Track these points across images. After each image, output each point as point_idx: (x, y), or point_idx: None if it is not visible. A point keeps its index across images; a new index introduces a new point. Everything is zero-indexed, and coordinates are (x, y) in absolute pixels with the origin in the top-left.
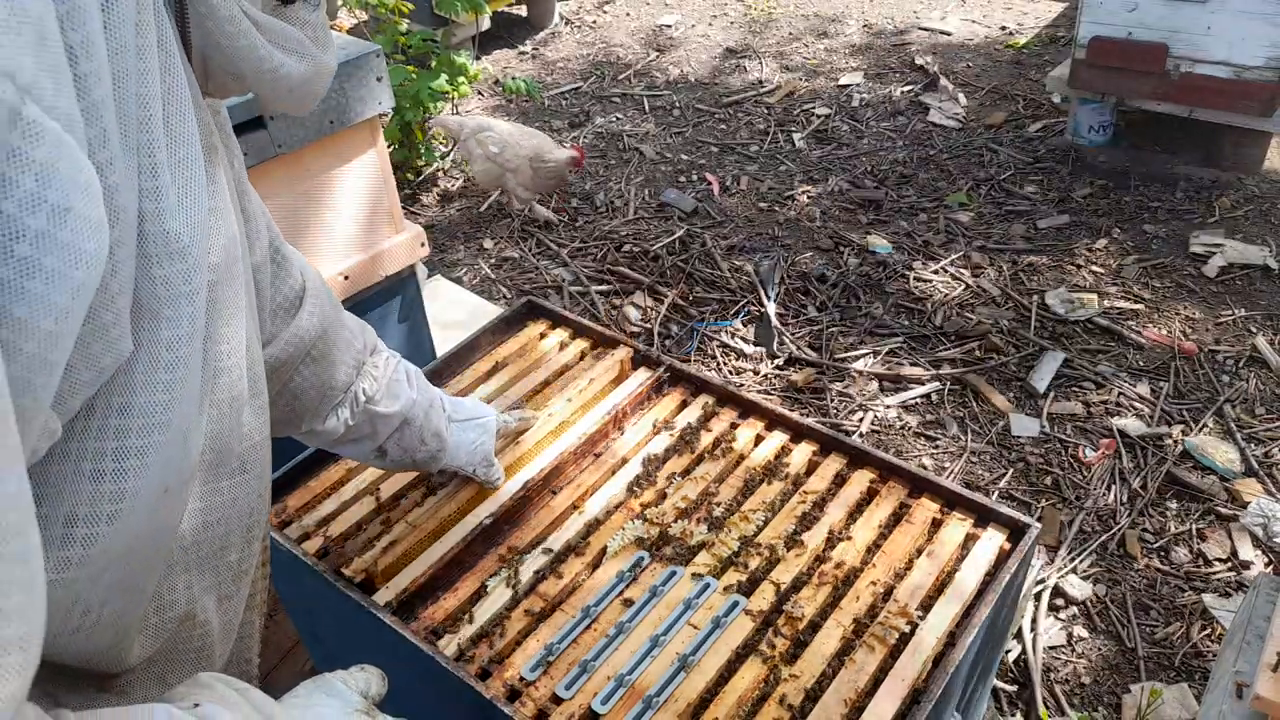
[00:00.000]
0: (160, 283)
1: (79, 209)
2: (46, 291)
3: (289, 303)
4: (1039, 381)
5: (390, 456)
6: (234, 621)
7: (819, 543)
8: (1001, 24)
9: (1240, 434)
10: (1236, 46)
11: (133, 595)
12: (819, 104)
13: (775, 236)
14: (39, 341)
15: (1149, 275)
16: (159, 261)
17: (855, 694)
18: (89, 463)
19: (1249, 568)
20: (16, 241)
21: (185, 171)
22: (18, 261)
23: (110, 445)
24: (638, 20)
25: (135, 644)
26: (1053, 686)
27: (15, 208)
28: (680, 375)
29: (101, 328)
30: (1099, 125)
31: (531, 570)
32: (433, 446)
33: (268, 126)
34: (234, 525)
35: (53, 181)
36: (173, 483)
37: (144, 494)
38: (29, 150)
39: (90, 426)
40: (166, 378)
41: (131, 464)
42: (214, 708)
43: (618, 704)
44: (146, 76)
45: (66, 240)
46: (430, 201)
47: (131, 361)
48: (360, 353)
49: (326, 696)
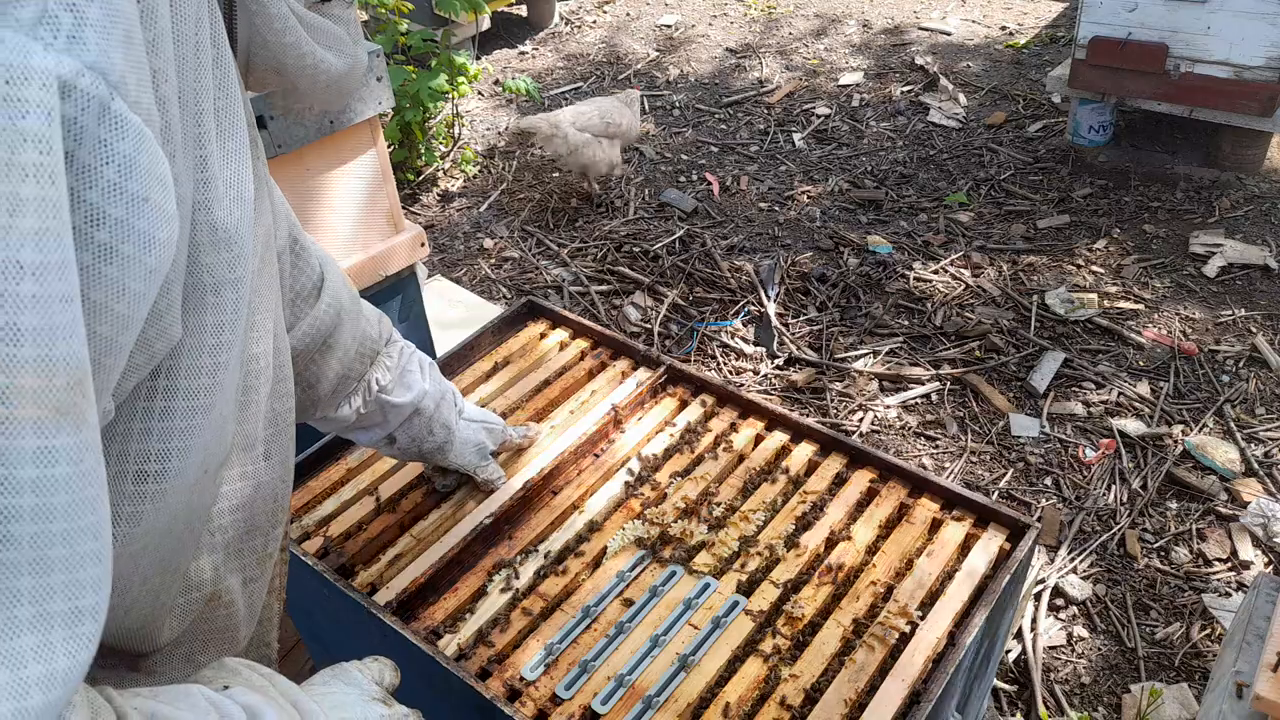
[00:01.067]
0: (206, 270)
1: (155, 199)
2: (122, 277)
3: (307, 292)
4: (1039, 381)
5: (399, 444)
6: (257, 604)
7: (819, 543)
8: (1001, 24)
9: (1240, 434)
10: (1236, 46)
11: (168, 574)
12: (819, 104)
13: (775, 236)
14: (111, 324)
15: (1149, 275)
16: (206, 250)
17: (855, 694)
18: (135, 444)
19: (1249, 568)
20: (97, 229)
21: (233, 164)
22: (97, 248)
23: (157, 426)
24: (638, 20)
25: (166, 624)
26: (1053, 686)
27: (98, 196)
28: (680, 375)
29: (156, 313)
30: (1099, 125)
31: (531, 570)
32: (440, 438)
33: (268, 126)
34: (259, 509)
35: (133, 173)
36: (211, 465)
37: (186, 474)
38: (115, 143)
39: (136, 409)
40: (210, 362)
41: (176, 445)
42: (244, 692)
43: (618, 704)
44: (201, 71)
45: (143, 229)
46: (430, 201)
47: (178, 347)
48: (375, 342)
49: (345, 685)
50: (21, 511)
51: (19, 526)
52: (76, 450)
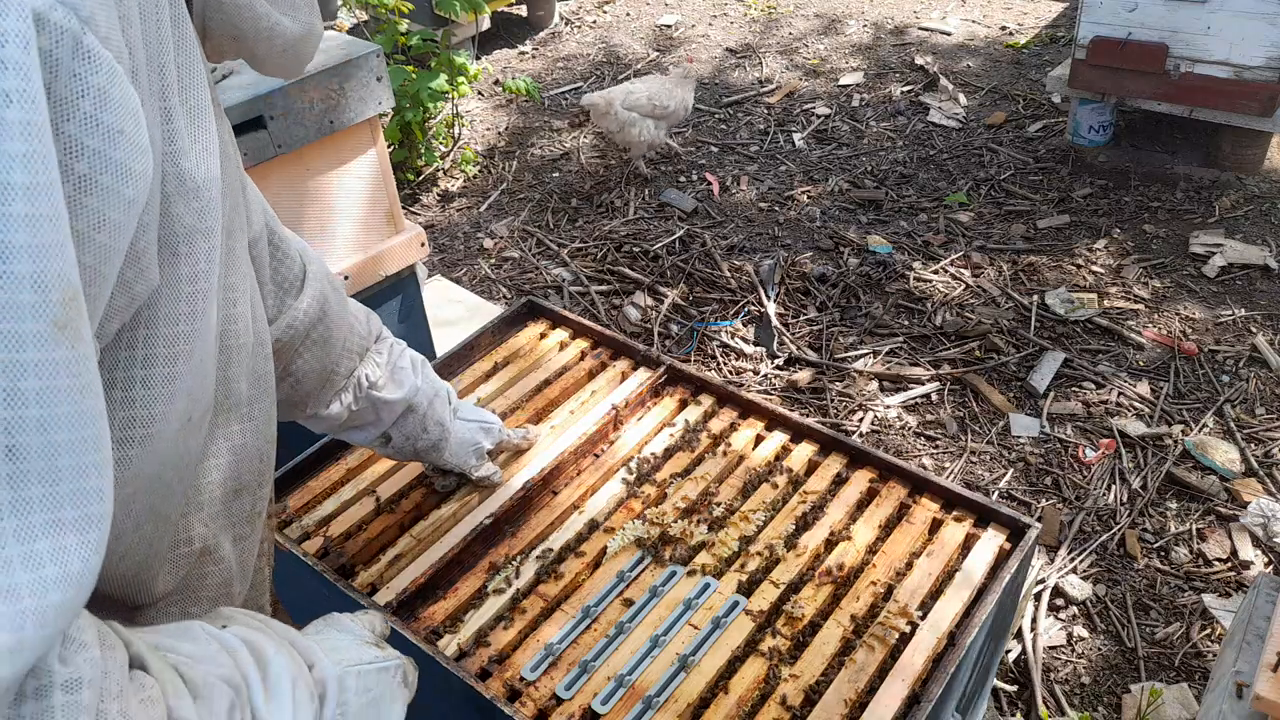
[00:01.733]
0: (177, 220)
1: (129, 132)
2: (102, 207)
3: (289, 284)
4: (1039, 381)
5: (394, 443)
6: (249, 564)
7: (819, 543)
8: (1001, 24)
9: (1240, 434)
10: (1236, 46)
11: (160, 523)
12: (819, 104)
13: (775, 236)
14: (94, 254)
15: (1149, 275)
16: (176, 200)
17: (855, 694)
18: (120, 390)
19: (1249, 568)
20: (76, 160)
21: (196, 118)
22: (77, 179)
23: (139, 373)
24: (638, 20)
25: (160, 575)
26: (1053, 686)
27: (76, 128)
28: (680, 375)
29: (135, 255)
30: (1099, 125)
31: (531, 570)
32: (435, 435)
33: (268, 127)
34: (245, 469)
35: (107, 105)
36: (195, 412)
37: (171, 419)
38: (88, 76)
39: (119, 358)
40: (188, 310)
41: (160, 391)
42: (242, 629)
43: (618, 704)
44: (161, 27)
45: (120, 160)
46: (430, 201)
47: (155, 296)
48: (364, 339)
49: (338, 632)
50: (28, 423)
51: (26, 437)
52: (75, 363)
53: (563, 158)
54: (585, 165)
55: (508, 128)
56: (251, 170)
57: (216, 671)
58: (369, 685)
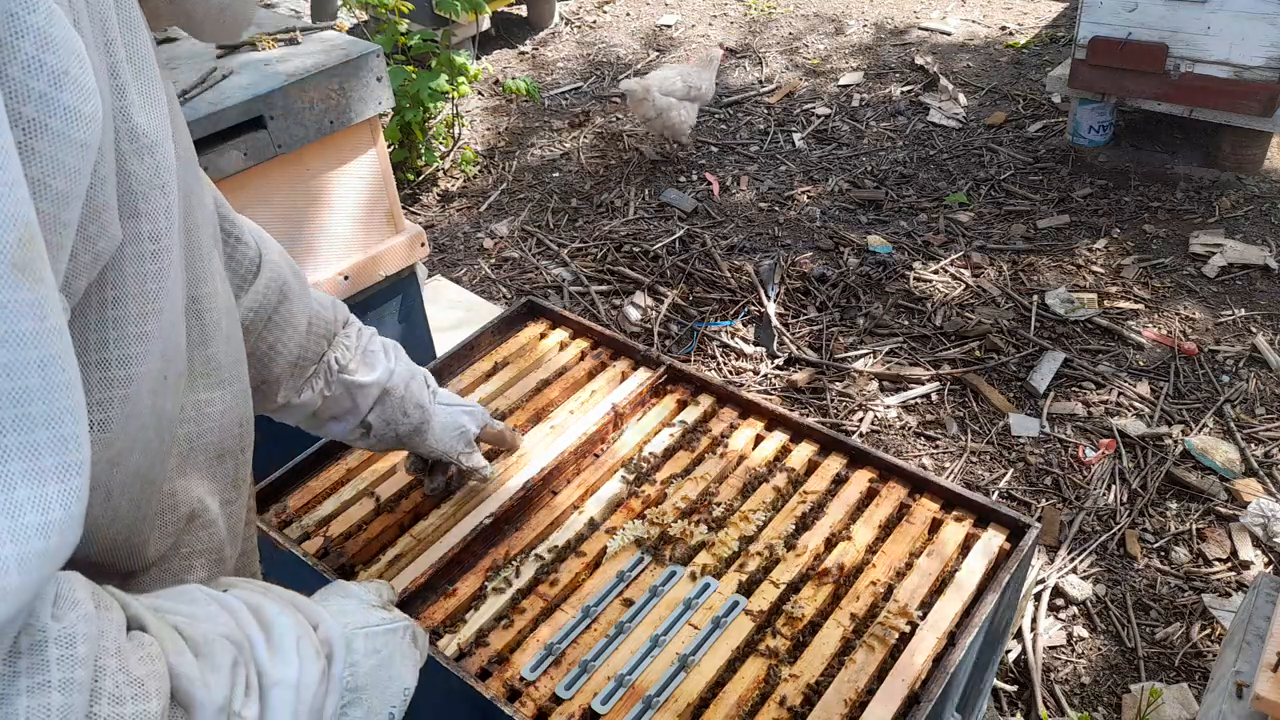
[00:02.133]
0: (134, 178)
1: (74, 73)
2: (54, 151)
3: (245, 269)
4: (1039, 381)
5: (375, 431)
6: (238, 527)
7: (819, 543)
8: (1001, 24)
9: (1240, 434)
10: (1236, 46)
11: (146, 485)
12: (819, 104)
13: (775, 236)
14: (52, 201)
15: (1149, 275)
16: (130, 158)
17: (855, 694)
18: (94, 353)
19: (1249, 568)
20: (23, 104)
21: (143, 73)
22: (26, 123)
23: (111, 335)
24: (638, 20)
25: (151, 539)
26: (1053, 686)
27: (19, 71)
28: (680, 375)
29: (95, 209)
30: (1099, 125)
31: (531, 570)
32: (416, 418)
33: (268, 127)
34: (227, 434)
35: (49, 46)
36: (170, 372)
37: (147, 379)
38: (26, 16)
39: (89, 320)
40: (154, 268)
41: (134, 350)
42: (244, 592)
43: (618, 704)
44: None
45: (67, 102)
46: (430, 201)
47: (120, 256)
48: (330, 324)
49: (343, 598)
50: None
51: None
52: (38, 305)
53: (563, 158)
54: (585, 165)
55: (508, 128)
56: (251, 171)
57: (218, 629)
58: (378, 647)
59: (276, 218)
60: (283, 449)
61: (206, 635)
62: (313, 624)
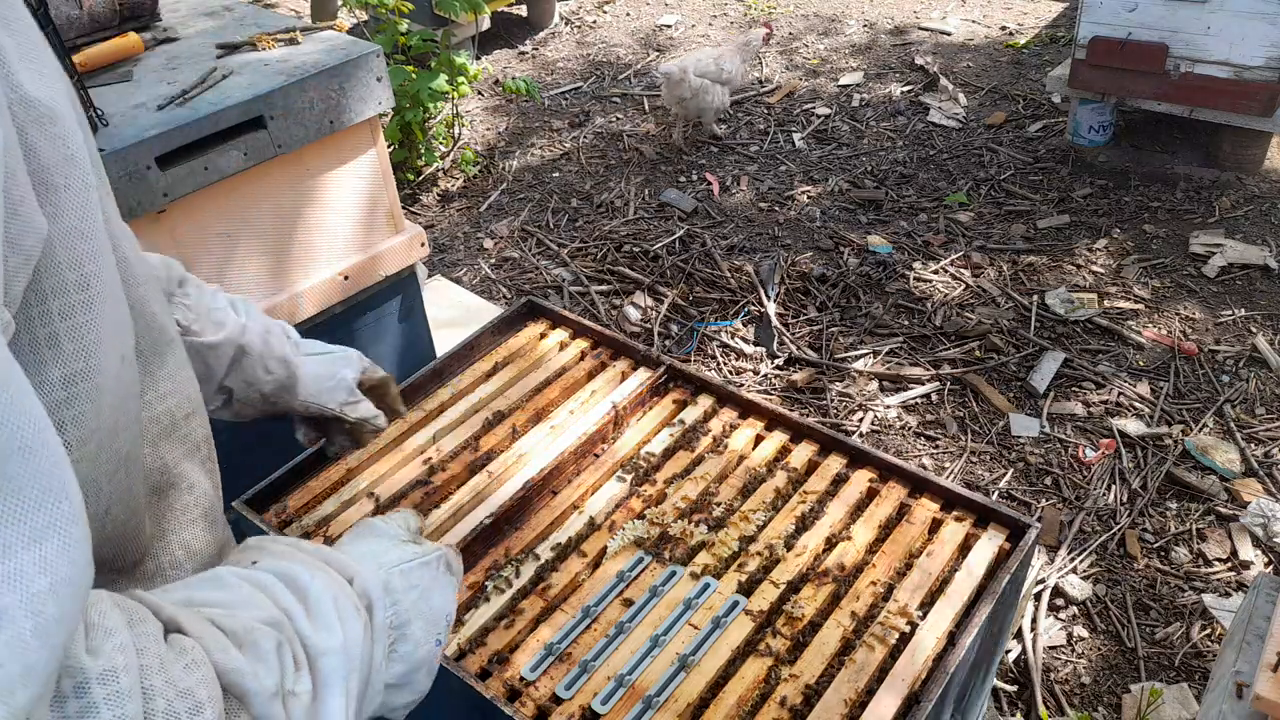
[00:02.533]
0: (42, 153)
1: None
2: None
3: None
4: (1039, 381)
5: (237, 395)
6: (219, 484)
7: (819, 543)
8: (1001, 24)
9: (1240, 434)
10: (1236, 46)
11: (131, 465)
12: (819, 104)
13: (775, 236)
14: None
15: (1149, 275)
16: (31, 130)
17: (855, 694)
18: (47, 350)
19: (1249, 568)
20: None
21: (23, 38)
22: None
23: (61, 326)
24: (638, 20)
25: (146, 516)
26: (1053, 686)
27: None
28: (680, 375)
29: (12, 207)
30: (1099, 125)
31: (531, 570)
32: (279, 374)
33: (268, 127)
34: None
35: None
36: (127, 351)
37: (107, 363)
38: None
39: (33, 316)
40: (88, 248)
41: (88, 339)
42: (272, 561)
43: (618, 704)
44: None
45: None
46: (430, 201)
47: (50, 245)
48: (165, 283)
49: (374, 537)
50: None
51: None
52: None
53: (563, 158)
54: (585, 165)
55: (508, 128)
56: (251, 170)
57: (256, 615)
58: (414, 581)
59: (276, 218)
60: (283, 449)
61: (246, 624)
62: (347, 578)
